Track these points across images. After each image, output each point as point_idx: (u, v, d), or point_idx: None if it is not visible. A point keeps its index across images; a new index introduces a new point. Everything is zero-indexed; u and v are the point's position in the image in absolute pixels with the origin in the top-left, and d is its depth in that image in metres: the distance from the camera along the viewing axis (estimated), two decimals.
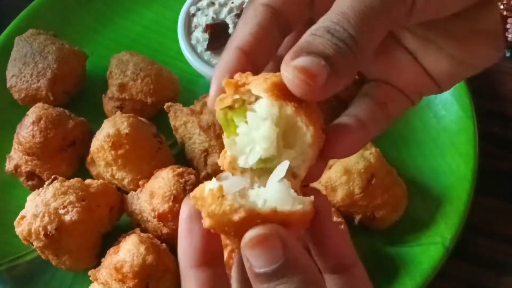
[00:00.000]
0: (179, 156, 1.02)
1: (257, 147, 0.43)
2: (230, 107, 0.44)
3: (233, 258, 0.52)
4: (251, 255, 0.41)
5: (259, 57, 0.49)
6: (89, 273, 0.88)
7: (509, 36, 0.53)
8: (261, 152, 0.43)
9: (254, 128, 0.43)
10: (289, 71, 0.42)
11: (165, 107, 1.01)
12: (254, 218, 0.41)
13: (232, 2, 1.08)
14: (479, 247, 0.98)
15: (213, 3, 1.09)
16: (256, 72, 0.47)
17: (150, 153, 0.95)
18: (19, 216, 0.90)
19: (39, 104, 1.00)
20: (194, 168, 0.97)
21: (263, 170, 0.44)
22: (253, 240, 0.41)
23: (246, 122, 0.44)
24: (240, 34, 0.49)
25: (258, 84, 0.44)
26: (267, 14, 0.49)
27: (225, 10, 1.07)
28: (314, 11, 0.52)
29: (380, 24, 0.44)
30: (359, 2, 0.44)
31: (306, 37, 0.44)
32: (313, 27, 0.44)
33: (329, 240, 0.48)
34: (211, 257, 0.47)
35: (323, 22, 0.44)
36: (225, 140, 0.45)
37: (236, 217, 0.41)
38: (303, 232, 0.48)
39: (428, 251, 0.92)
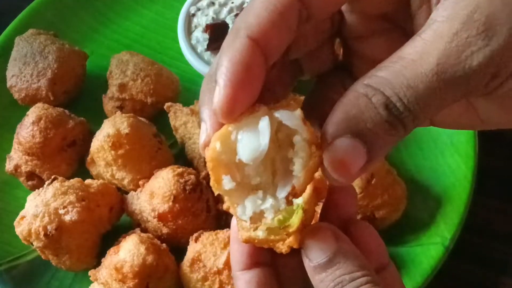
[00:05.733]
0: (179, 156, 1.02)
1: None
2: None
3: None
4: (308, 248, 0.44)
5: (272, 49, 0.40)
6: (89, 273, 0.88)
7: None
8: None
9: None
10: (327, 163, 0.40)
11: (165, 107, 1.01)
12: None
13: (232, 2, 1.08)
14: (479, 247, 0.98)
15: (213, 3, 1.09)
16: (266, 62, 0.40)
17: (150, 153, 0.95)
18: (19, 216, 0.90)
19: (39, 104, 1.00)
20: (194, 168, 0.97)
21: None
22: (309, 233, 0.44)
23: None
24: (250, 18, 0.39)
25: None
26: None
27: (225, 10, 1.07)
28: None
29: (451, 99, 0.38)
30: (437, 75, 0.36)
31: (358, 99, 0.38)
32: (370, 84, 0.38)
33: (365, 239, 0.48)
34: (258, 259, 0.49)
35: (384, 86, 0.37)
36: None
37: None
38: None
39: (428, 251, 0.92)
